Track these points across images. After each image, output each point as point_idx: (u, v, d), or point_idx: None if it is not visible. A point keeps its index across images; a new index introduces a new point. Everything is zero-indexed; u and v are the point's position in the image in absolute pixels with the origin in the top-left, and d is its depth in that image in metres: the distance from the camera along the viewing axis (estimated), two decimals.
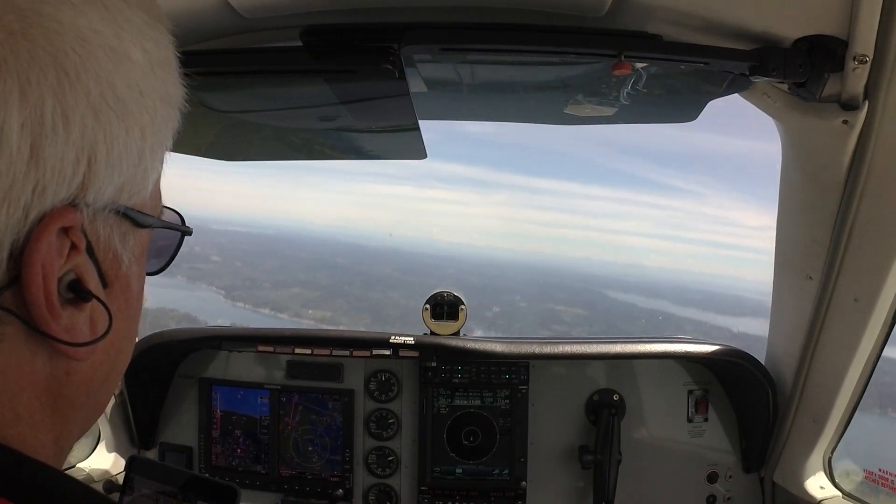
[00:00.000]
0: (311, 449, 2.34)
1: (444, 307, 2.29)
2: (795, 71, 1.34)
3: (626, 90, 1.61)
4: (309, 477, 2.34)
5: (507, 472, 2.27)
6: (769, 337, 2.11)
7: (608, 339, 2.28)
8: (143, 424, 2.36)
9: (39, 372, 0.54)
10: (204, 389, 2.37)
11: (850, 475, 1.98)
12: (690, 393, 2.28)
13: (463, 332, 2.31)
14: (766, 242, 1.94)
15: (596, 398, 2.28)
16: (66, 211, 0.50)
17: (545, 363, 2.29)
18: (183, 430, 2.39)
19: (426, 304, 2.29)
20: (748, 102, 1.58)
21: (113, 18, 0.53)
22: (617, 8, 1.40)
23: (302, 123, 2.07)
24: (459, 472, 2.29)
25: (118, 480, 2.22)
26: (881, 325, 1.63)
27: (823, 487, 1.97)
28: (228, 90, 1.71)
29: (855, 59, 1.28)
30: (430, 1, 1.45)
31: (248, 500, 2.30)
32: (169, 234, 0.73)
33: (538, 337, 2.44)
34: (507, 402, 2.28)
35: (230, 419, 2.36)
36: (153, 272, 0.74)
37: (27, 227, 0.48)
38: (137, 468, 1.55)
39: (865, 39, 1.25)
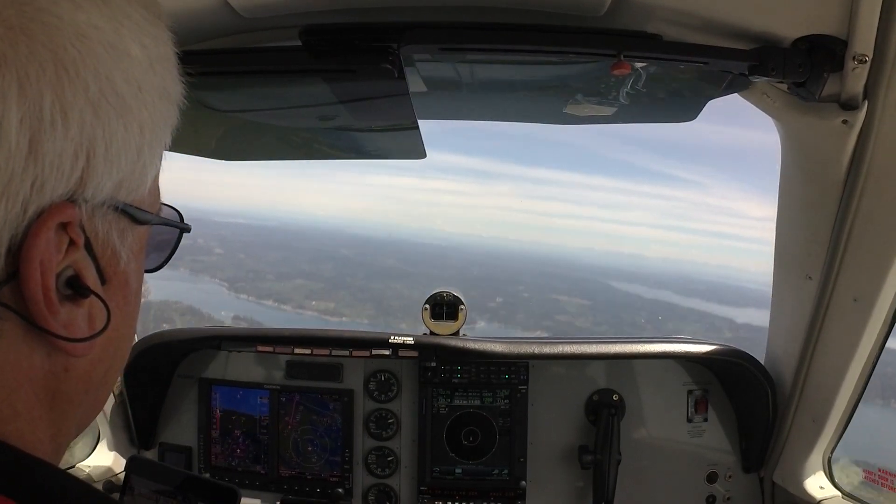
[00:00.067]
0: (310, 449, 2.33)
1: (443, 307, 2.29)
2: (795, 71, 1.33)
3: (625, 90, 1.61)
4: (308, 477, 2.33)
5: (506, 472, 2.27)
6: (769, 337, 2.11)
7: (608, 339, 2.28)
8: (142, 424, 2.35)
9: (38, 368, 0.53)
10: (203, 389, 2.37)
11: (849, 476, 1.98)
12: (690, 393, 2.28)
13: (465, 322, 2.31)
14: (768, 233, 1.93)
15: (595, 398, 2.28)
16: (64, 207, 0.50)
17: (545, 363, 2.29)
18: (182, 430, 2.39)
19: (426, 304, 2.30)
20: (748, 102, 1.58)
21: (112, 14, 0.53)
22: (616, 7, 1.40)
23: (301, 123, 2.07)
24: (459, 472, 2.28)
25: (118, 481, 2.22)
26: (881, 324, 1.62)
27: (823, 487, 1.97)
28: (228, 90, 1.71)
29: (854, 58, 1.28)
30: (429, 1, 1.45)
31: (248, 499, 2.29)
32: (167, 230, 0.73)
33: (538, 337, 2.45)
34: (506, 402, 2.28)
35: (230, 419, 2.36)
36: (151, 269, 0.74)
37: (25, 222, 0.48)
38: (137, 468, 1.55)
39: (865, 39, 1.25)
